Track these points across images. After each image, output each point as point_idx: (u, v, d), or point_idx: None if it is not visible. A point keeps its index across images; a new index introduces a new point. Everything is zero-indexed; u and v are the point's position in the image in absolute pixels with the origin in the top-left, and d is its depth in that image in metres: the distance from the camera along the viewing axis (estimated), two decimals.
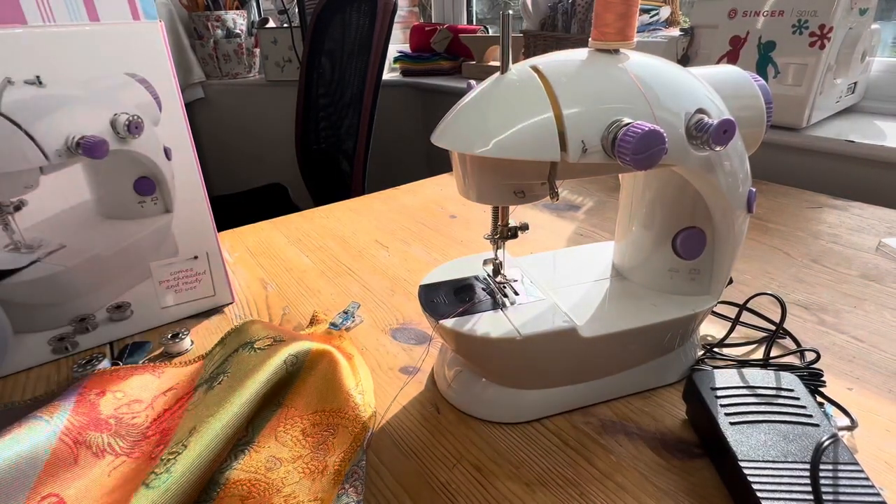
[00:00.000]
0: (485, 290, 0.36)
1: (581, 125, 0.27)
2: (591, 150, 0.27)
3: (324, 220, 0.68)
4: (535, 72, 0.28)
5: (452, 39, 1.57)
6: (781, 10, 0.76)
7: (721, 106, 0.31)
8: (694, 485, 0.29)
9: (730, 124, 0.28)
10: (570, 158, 0.27)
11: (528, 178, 0.30)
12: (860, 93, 0.89)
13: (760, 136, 0.35)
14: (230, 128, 1.81)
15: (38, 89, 0.35)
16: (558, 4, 1.14)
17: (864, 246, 0.56)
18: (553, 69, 0.28)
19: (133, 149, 0.39)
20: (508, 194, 0.31)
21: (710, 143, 0.28)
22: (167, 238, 0.43)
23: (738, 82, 0.34)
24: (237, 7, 1.73)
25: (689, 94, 0.30)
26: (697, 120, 0.29)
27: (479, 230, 0.63)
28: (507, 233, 0.35)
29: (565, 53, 0.30)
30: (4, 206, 0.36)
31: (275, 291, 0.51)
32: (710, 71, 0.34)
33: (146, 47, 0.38)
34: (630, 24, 0.29)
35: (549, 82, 0.27)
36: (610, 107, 0.27)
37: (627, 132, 0.25)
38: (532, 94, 0.27)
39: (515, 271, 0.39)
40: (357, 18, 1.21)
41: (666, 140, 0.25)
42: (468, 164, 0.31)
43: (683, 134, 0.29)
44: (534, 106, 0.27)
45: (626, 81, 0.28)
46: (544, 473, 0.30)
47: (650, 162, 0.26)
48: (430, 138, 0.30)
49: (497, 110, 0.28)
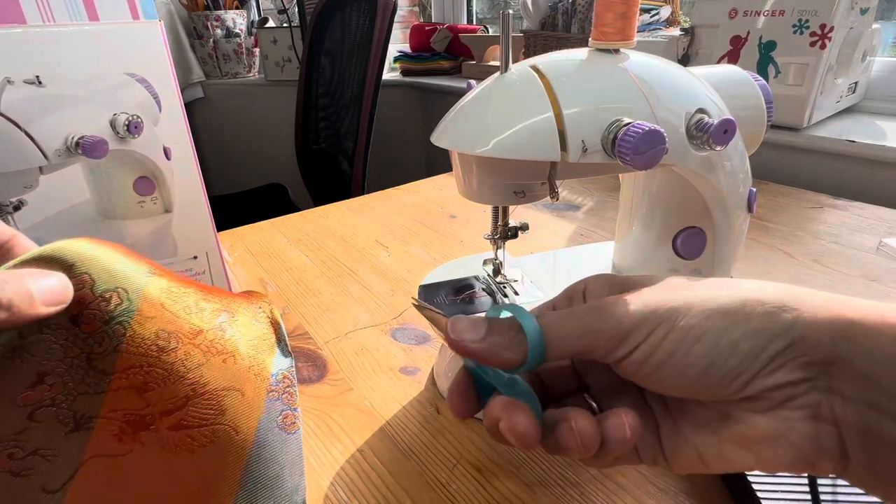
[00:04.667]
0: (485, 290, 0.36)
1: (581, 125, 0.26)
2: (591, 149, 0.27)
3: (324, 220, 0.68)
4: (535, 71, 0.28)
5: (452, 39, 1.57)
6: (782, 10, 0.76)
7: (721, 105, 0.31)
8: (694, 485, 0.29)
9: (730, 124, 0.28)
10: (570, 158, 0.26)
11: (529, 178, 0.30)
12: (861, 93, 0.89)
13: (761, 135, 0.35)
14: (230, 128, 1.81)
15: (37, 89, 0.35)
16: (558, 4, 1.14)
17: (865, 246, 0.56)
18: (553, 69, 0.28)
19: (133, 148, 0.39)
20: (508, 194, 0.31)
21: (710, 142, 0.28)
22: (167, 238, 0.43)
23: (738, 82, 0.34)
24: (237, 7, 1.73)
25: (689, 94, 0.29)
26: (698, 120, 0.29)
27: (479, 230, 0.63)
28: (507, 233, 0.35)
29: (565, 53, 0.30)
30: (4, 206, 0.36)
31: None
32: (710, 71, 0.34)
33: (146, 47, 0.38)
34: (630, 23, 0.29)
35: (549, 82, 0.27)
36: (610, 106, 0.27)
37: (628, 132, 0.25)
38: (532, 93, 0.27)
39: (516, 271, 0.39)
40: (357, 18, 1.21)
41: (666, 140, 0.25)
42: (468, 164, 0.31)
43: (684, 134, 0.29)
44: (534, 106, 0.27)
45: (627, 81, 0.28)
46: (544, 473, 0.30)
47: (651, 162, 0.25)
48: (431, 138, 0.30)
49: (497, 110, 0.28)
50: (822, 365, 0.19)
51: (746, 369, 0.19)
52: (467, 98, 0.30)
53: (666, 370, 0.20)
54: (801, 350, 0.19)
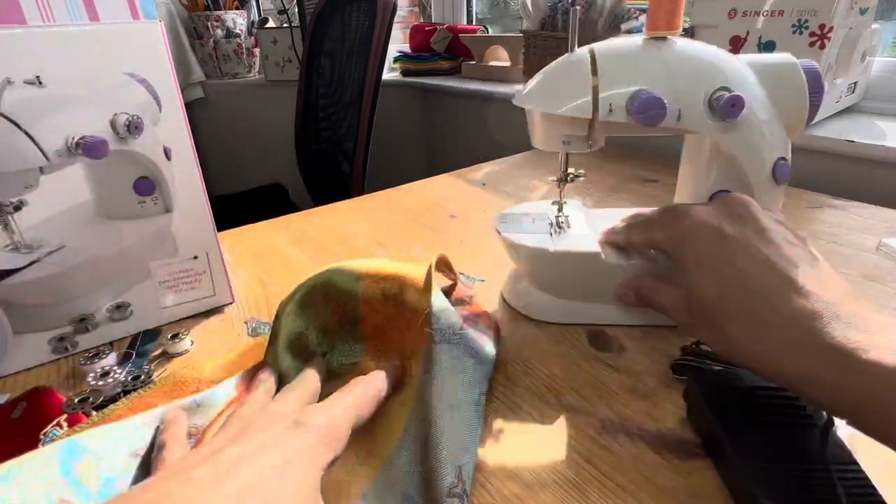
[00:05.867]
0: (547, 220, 0.46)
1: (610, 93, 0.37)
2: (615, 111, 0.37)
3: (324, 220, 0.68)
4: (590, 53, 0.38)
5: (452, 39, 1.57)
6: (781, 10, 0.76)
7: (749, 85, 0.38)
8: (694, 485, 0.29)
9: (738, 100, 0.35)
10: (599, 117, 0.37)
11: (574, 131, 0.40)
12: (860, 93, 0.89)
13: (803, 119, 0.40)
14: (230, 128, 1.81)
15: (37, 89, 0.35)
16: (558, 4, 1.14)
17: (865, 246, 0.56)
18: (603, 51, 0.38)
19: (133, 149, 0.39)
20: (559, 142, 0.41)
21: (721, 114, 0.36)
22: (167, 238, 0.43)
23: (784, 68, 0.40)
24: (237, 7, 1.73)
25: (714, 74, 0.37)
26: (717, 95, 0.36)
27: (478, 230, 0.63)
28: (566, 177, 0.45)
29: (621, 40, 0.40)
30: (4, 206, 0.36)
31: (275, 291, 0.51)
32: (761, 57, 0.40)
33: (146, 47, 0.38)
34: (676, 15, 0.37)
35: (596, 61, 0.37)
36: (636, 80, 0.36)
37: (638, 98, 0.35)
38: (582, 68, 0.37)
39: (577, 213, 0.47)
40: (357, 18, 1.21)
41: (665, 105, 0.35)
42: (533, 119, 0.42)
43: (704, 105, 0.37)
44: (580, 77, 0.37)
45: (657, 61, 0.37)
46: (544, 473, 0.30)
47: (652, 120, 0.35)
48: (513, 100, 0.41)
49: (555, 79, 0.39)
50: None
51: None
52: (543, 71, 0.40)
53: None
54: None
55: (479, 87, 1.36)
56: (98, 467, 0.27)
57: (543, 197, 0.75)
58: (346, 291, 0.36)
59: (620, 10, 1.05)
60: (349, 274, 0.36)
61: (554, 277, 0.44)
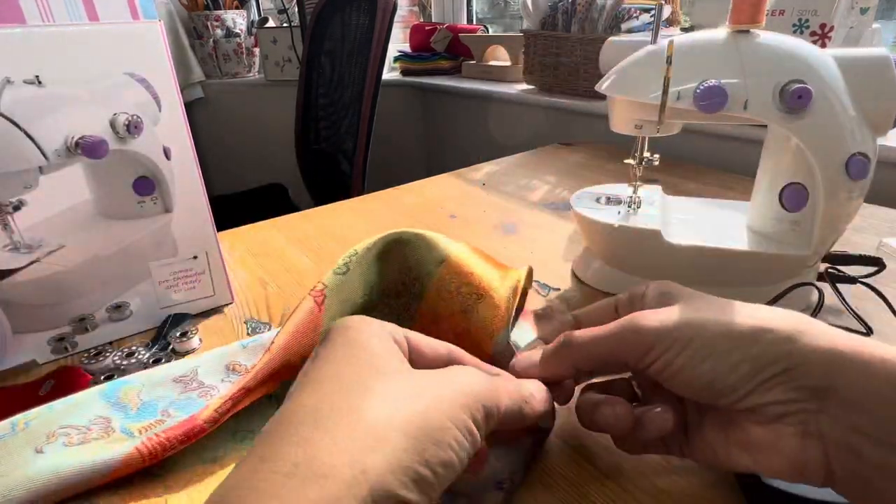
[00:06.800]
0: (624, 199, 0.49)
1: (681, 82, 0.39)
2: (683, 98, 0.39)
3: (324, 220, 0.68)
4: (668, 44, 0.39)
5: (452, 39, 1.57)
6: (782, 10, 0.76)
7: (827, 78, 0.38)
8: (693, 485, 0.29)
9: (805, 91, 0.36)
10: (668, 103, 0.39)
11: (646, 115, 0.43)
12: None
13: (890, 114, 0.39)
14: (230, 128, 1.81)
15: (37, 89, 0.35)
16: (558, 4, 1.14)
17: (865, 246, 0.56)
18: (682, 43, 0.40)
19: (133, 148, 0.39)
20: (632, 126, 0.44)
21: (787, 105, 0.37)
22: (167, 238, 0.43)
23: (874, 64, 0.39)
24: (237, 7, 1.73)
25: (788, 67, 0.38)
26: (787, 87, 0.37)
27: (478, 230, 0.63)
28: (642, 159, 0.47)
29: (703, 33, 0.41)
30: (4, 206, 0.36)
31: (275, 291, 0.51)
32: (852, 51, 0.40)
33: (146, 47, 0.38)
34: (759, 9, 0.39)
35: (673, 52, 0.39)
36: (706, 70, 0.38)
37: (701, 87, 0.37)
38: (659, 58, 0.39)
39: (654, 195, 0.50)
40: (357, 18, 1.21)
41: (726, 94, 0.37)
42: (611, 103, 0.45)
43: (774, 96, 0.38)
44: (656, 67, 0.39)
45: (730, 53, 0.39)
46: (544, 473, 0.30)
47: (711, 108, 0.37)
48: (595, 87, 0.44)
49: (636, 68, 0.42)
50: (813, 390, 0.22)
51: (743, 387, 0.23)
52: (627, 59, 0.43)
53: (679, 379, 0.25)
54: (795, 376, 0.22)
55: (480, 87, 1.36)
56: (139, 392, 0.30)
57: (543, 197, 0.75)
58: (422, 265, 0.36)
59: (621, 10, 1.05)
60: (434, 251, 0.36)
61: (616, 252, 0.47)
